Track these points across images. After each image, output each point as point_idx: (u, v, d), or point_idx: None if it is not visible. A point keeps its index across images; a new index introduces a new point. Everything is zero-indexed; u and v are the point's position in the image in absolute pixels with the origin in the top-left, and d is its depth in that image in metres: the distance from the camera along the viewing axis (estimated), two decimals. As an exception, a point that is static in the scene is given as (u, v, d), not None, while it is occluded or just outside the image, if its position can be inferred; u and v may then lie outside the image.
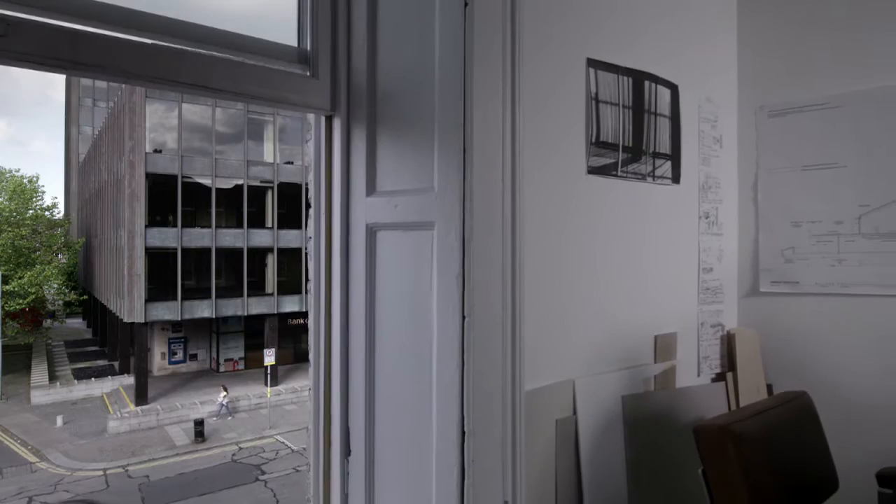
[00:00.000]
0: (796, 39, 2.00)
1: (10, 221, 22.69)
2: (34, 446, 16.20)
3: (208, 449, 16.32)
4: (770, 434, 1.40)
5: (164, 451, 16.12)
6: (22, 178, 24.82)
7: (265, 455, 15.84)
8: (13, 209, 23.02)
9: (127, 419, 17.91)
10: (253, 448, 16.32)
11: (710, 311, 1.96)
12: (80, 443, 16.55)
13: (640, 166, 1.70)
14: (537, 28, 1.44)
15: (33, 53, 0.99)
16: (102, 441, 16.81)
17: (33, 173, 45.39)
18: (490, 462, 1.16)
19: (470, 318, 1.14)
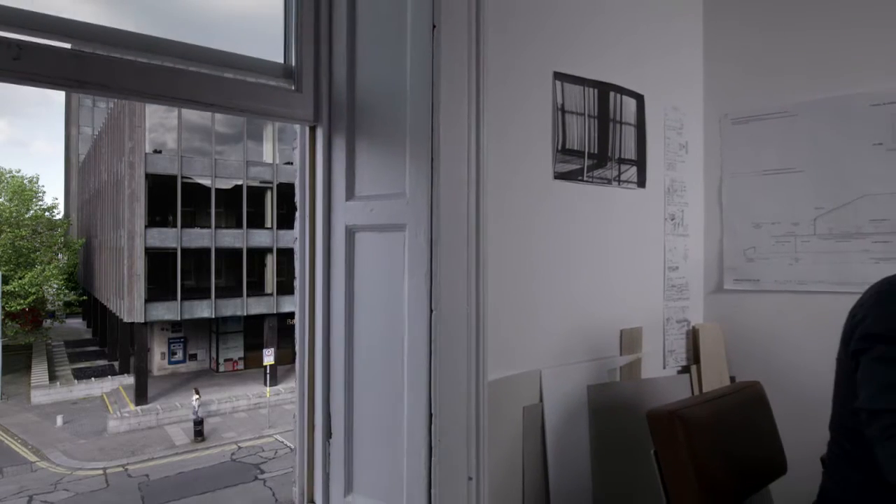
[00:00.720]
0: (759, 50, 2.12)
1: (10, 222, 22.77)
2: (34, 446, 16.27)
3: (207, 448, 16.41)
4: (718, 419, 1.51)
5: (164, 450, 16.22)
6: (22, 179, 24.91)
7: (264, 454, 15.95)
8: (14, 210, 23.10)
9: (127, 419, 18.00)
10: (252, 447, 16.41)
11: (675, 308, 2.08)
12: (80, 442, 16.63)
13: (606, 171, 1.82)
14: (506, 44, 1.56)
15: (43, 74, 1.11)
16: (102, 440, 16.89)
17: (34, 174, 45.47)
18: (455, 442, 1.28)
19: (437, 311, 1.26)
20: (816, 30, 2.00)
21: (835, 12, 1.96)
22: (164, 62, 1.28)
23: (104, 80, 1.18)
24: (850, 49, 1.93)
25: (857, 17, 1.92)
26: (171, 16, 69.07)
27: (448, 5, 1.28)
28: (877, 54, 1.89)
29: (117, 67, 1.20)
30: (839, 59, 1.96)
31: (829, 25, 1.97)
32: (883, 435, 1.05)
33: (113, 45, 1.23)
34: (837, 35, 1.96)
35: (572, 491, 1.64)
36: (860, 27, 1.91)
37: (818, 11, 1.99)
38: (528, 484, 1.57)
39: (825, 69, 1.98)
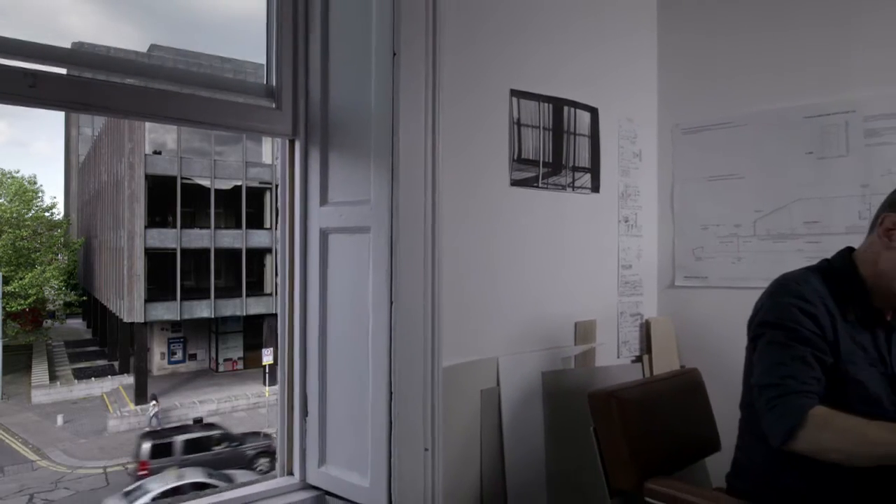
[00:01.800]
0: (709, 65, 2.31)
1: (10, 223, 22.89)
2: (35, 445, 16.37)
3: (207, 448, 16.54)
4: (653, 400, 1.70)
5: (163, 449, 16.33)
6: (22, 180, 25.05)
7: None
8: (14, 211, 23.23)
9: (127, 418, 18.10)
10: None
11: (629, 302, 2.27)
12: (81, 441, 16.75)
13: (560, 178, 2.01)
14: (467, 65, 1.75)
15: (55, 99, 1.29)
16: (103, 440, 16.99)
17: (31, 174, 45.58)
18: (412, 418, 1.46)
19: (396, 303, 1.45)
20: (759, 49, 2.19)
21: (775, 34, 2.15)
22: (158, 85, 1.46)
23: (106, 103, 1.36)
24: (788, 67, 2.12)
25: (793, 39, 2.11)
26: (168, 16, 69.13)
27: (407, 36, 1.46)
28: (810, 72, 2.08)
29: (117, 91, 1.38)
30: (778, 75, 2.14)
31: (770, 46, 2.16)
32: (767, 406, 1.24)
33: (114, 71, 1.41)
34: (777, 54, 2.15)
35: (527, 464, 1.83)
36: (796, 48, 2.10)
37: (761, 32, 2.18)
38: (486, 457, 1.75)
39: (765, 84, 2.17)
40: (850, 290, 1.33)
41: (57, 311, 27.42)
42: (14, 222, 23.07)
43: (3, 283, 21.34)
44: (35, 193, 25.20)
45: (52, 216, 26.46)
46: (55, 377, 21.82)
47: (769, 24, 2.17)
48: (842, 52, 2.01)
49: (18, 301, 22.27)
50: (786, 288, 1.34)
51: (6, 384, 20.59)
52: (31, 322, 24.71)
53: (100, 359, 24.55)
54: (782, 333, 1.28)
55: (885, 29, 1.93)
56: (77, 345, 27.28)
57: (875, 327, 1.32)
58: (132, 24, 76.57)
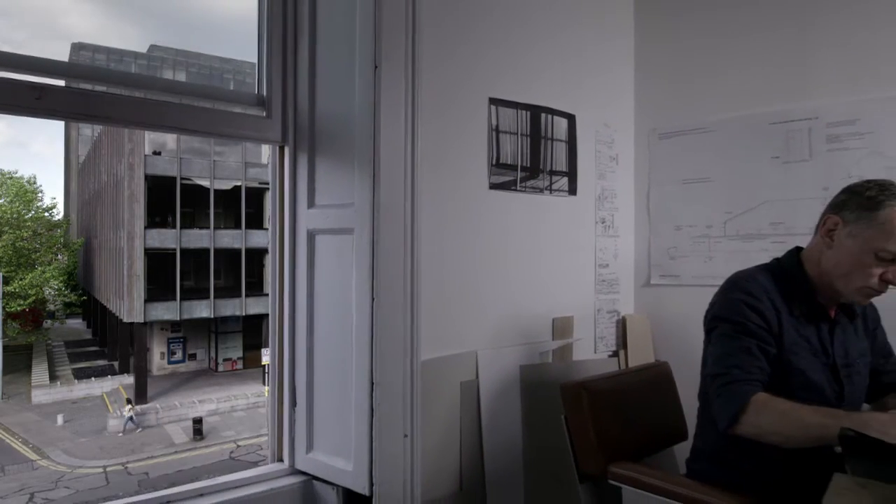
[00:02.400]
0: (683, 73, 2.42)
1: (10, 223, 22.96)
2: (35, 444, 16.45)
3: (207, 447, 16.62)
4: (622, 391, 1.81)
5: (164, 448, 16.42)
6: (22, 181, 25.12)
7: (263, 452, 16.20)
8: (14, 211, 23.30)
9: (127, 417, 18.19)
10: (250, 446, 16.65)
11: (606, 300, 2.37)
12: (81, 441, 16.82)
13: (538, 182, 2.11)
14: (448, 76, 1.85)
15: (60, 110, 1.40)
16: (102, 439, 17.07)
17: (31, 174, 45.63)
18: (392, 406, 1.57)
19: (378, 300, 1.55)
20: (729, 58, 2.29)
21: (744, 45, 2.25)
22: (156, 97, 1.57)
23: (107, 113, 1.47)
24: (755, 76, 2.23)
25: (761, 50, 2.21)
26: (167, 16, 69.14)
27: (387, 50, 1.57)
28: (775, 81, 2.18)
29: (118, 102, 1.49)
30: (746, 83, 2.25)
31: (740, 56, 2.26)
32: (716, 393, 1.35)
33: (115, 83, 1.52)
34: (746, 64, 2.25)
35: (504, 451, 1.93)
36: (763, 59, 2.21)
37: (731, 43, 2.29)
38: (465, 445, 1.86)
39: (735, 91, 2.28)
40: (796, 287, 1.43)
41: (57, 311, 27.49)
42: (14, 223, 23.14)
43: (3, 284, 21.40)
44: (35, 194, 25.28)
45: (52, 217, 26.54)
46: (55, 377, 21.86)
47: (739, 35, 2.27)
48: (805, 63, 2.12)
49: (18, 301, 22.33)
50: (735, 285, 1.45)
51: (6, 384, 20.65)
52: (32, 322, 24.78)
53: (100, 359, 24.61)
54: (731, 327, 1.38)
55: (844, 43, 2.04)
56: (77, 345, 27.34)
57: (819, 321, 1.43)
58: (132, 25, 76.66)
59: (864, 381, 1.48)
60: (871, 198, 1.34)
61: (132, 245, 20.16)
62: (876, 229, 1.30)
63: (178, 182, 21.31)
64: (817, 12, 2.10)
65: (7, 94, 1.32)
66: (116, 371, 22.23)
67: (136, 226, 20.22)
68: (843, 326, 1.46)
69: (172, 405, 19.34)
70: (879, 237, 1.30)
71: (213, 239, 21.93)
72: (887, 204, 1.31)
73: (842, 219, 1.38)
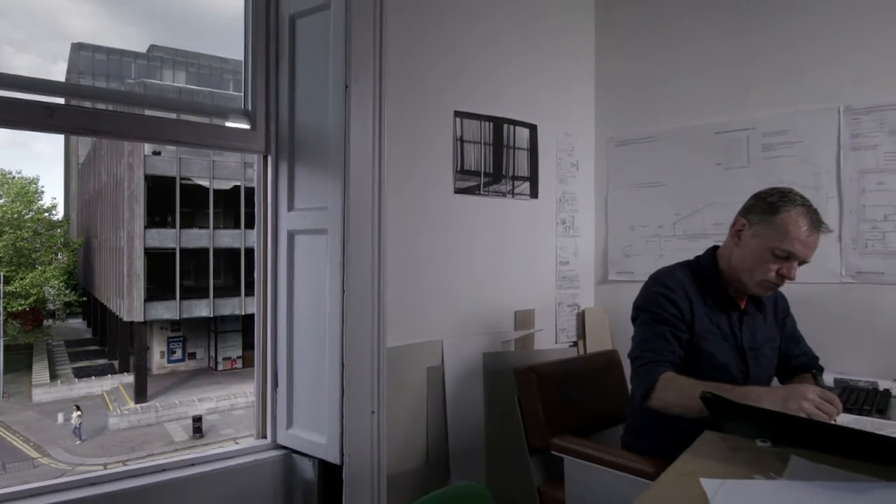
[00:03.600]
0: (639, 86, 2.63)
1: (11, 223, 23.07)
2: (36, 442, 16.57)
3: (206, 445, 16.75)
4: (568, 374, 2.02)
5: (163, 446, 16.55)
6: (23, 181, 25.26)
7: (261, 448, 16.32)
8: (15, 211, 23.43)
9: (126, 416, 18.27)
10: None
11: (567, 294, 2.58)
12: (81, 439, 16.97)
13: (501, 186, 2.32)
14: (416, 92, 2.06)
15: (68, 126, 1.61)
16: (103, 437, 17.20)
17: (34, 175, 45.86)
18: (361, 386, 1.78)
19: (347, 292, 1.76)
20: (679, 74, 2.51)
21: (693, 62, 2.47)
22: (154, 113, 1.78)
23: (109, 128, 1.68)
24: (701, 89, 2.44)
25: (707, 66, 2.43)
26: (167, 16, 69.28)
27: (356, 72, 1.78)
28: (718, 94, 2.40)
29: (119, 118, 1.69)
30: (694, 97, 2.47)
31: (688, 72, 2.48)
32: (635, 374, 1.56)
33: (117, 102, 1.73)
34: (693, 79, 2.47)
35: (467, 429, 2.15)
36: (708, 75, 2.42)
37: (681, 60, 2.50)
38: (431, 423, 2.07)
39: (684, 104, 2.49)
40: (710, 281, 1.64)
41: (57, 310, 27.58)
42: (15, 223, 23.23)
43: (4, 283, 21.50)
44: (36, 194, 25.40)
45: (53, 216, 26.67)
46: (56, 376, 21.90)
47: (688, 52, 2.49)
48: (743, 78, 2.33)
49: (19, 301, 22.39)
50: (655, 280, 1.66)
51: (7, 383, 20.71)
52: (32, 321, 24.85)
53: (100, 358, 24.65)
54: (649, 316, 1.60)
55: (777, 59, 2.25)
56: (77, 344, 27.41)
57: (730, 310, 1.64)
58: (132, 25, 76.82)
59: (771, 363, 1.69)
60: (772, 203, 1.54)
61: (132, 245, 20.23)
62: (774, 230, 1.51)
63: (177, 182, 21.37)
64: (755, 30, 2.31)
65: (24, 113, 1.53)
66: (116, 370, 22.26)
67: (135, 225, 20.27)
68: (753, 316, 1.67)
69: (172, 404, 19.46)
70: (776, 237, 1.50)
71: (213, 238, 21.99)
72: (784, 209, 1.52)
73: (748, 221, 1.59)
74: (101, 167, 25.96)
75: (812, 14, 2.19)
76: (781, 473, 0.98)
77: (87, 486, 1.58)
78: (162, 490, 1.65)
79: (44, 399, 19.88)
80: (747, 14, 2.33)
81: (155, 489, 1.64)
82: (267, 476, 1.86)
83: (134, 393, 19.62)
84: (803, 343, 1.79)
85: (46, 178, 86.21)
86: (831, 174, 2.15)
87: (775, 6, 2.26)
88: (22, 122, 1.54)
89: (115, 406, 19.20)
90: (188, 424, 17.58)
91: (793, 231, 1.48)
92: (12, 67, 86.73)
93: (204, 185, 21.94)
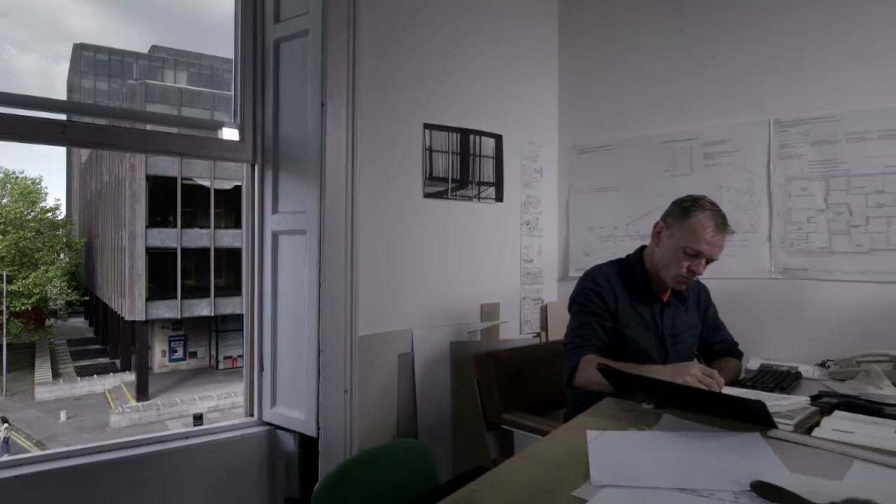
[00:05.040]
0: (598, 98, 2.87)
1: (14, 223, 23.25)
2: (38, 440, 16.78)
3: (206, 441, 16.94)
4: (523, 360, 2.26)
5: (164, 442, 16.72)
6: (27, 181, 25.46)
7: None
8: (18, 211, 23.61)
9: (128, 414, 18.44)
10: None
11: (531, 289, 2.82)
12: (83, 437, 17.17)
13: (467, 191, 2.56)
14: (389, 106, 2.30)
15: (78, 140, 1.85)
16: (105, 435, 17.42)
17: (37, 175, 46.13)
18: (335, 368, 2.02)
19: (323, 286, 2.01)
20: (632, 87, 2.75)
21: (644, 77, 2.71)
22: (155, 128, 2.02)
23: (114, 142, 1.92)
24: (652, 102, 2.68)
25: (656, 81, 2.67)
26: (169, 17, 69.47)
27: (332, 92, 2.02)
28: (667, 107, 2.64)
29: (123, 133, 1.94)
30: (646, 109, 2.71)
31: (639, 85, 2.72)
32: (565, 357, 1.80)
33: (122, 118, 1.97)
34: (645, 93, 2.71)
35: (434, 408, 2.39)
36: (657, 89, 2.66)
37: (635, 75, 2.74)
38: (402, 403, 2.31)
39: (636, 115, 2.73)
40: (636, 276, 1.88)
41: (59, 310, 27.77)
42: (18, 222, 23.41)
43: (7, 283, 21.68)
44: (38, 194, 25.59)
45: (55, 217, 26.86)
46: (58, 374, 22.04)
47: (640, 69, 2.73)
48: (688, 93, 2.58)
49: (22, 300, 22.54)
50: (586, 276, 1.90)
51: (10, 381, 20.87)
52: (35, 321, 24.99)
53: (102, 356, 24.80)
54: (579, 307, 1.84)
55: (716, 75, 2.50)
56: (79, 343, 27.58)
57: (653, 302, 1.88)
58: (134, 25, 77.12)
59: (690, 348, 1.93)
60: (685, 208, 1.79)
61: (134, 244, 20.36)
62: (685, 231, 1.75)
63: (178, 182, 21.51)
64: (696, 47, 2.56)
65: (40, 129, 1.77)
66: (118, 368, 22.38)
67: (137, 225, 20.39)
68: (675, 307, 1.91)
69: (173, 402, 19.64)
70: (687, 237, 1.74)
71: (214, 238, 22.14)
72: (694, 213, 1.76)
73: (665, 223, 1.83)
74: (103, 167, 26.11)
75: (746, 33, 2.43)
76: (652, 426, 1.23)
77: (96, 453, 1.83)
78: (161, 457, 1.89)
79: (46, 397, 20.03)
80: (691, 33, 2.57)
81: (155, 456, 1.89)
82: (254, 448, 2.10)
83: (135, 391, 19.81)
84: (724, 330, 2.03)
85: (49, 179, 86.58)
86: (762, 180, 2.39)
87: (715, 25, 2.51)
88: (38, 138, 1.78)
89: (116, 404, 19.38)
90: (189, 422, 17.75)
91: (700, 232, 1.72)
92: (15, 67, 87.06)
93: (205, 185, 22.07)
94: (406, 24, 2.37)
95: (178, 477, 1.92)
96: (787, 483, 0.90)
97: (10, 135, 1.71)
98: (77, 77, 35.78)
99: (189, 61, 37.32)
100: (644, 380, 1.40)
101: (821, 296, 2.26)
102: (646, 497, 0.91)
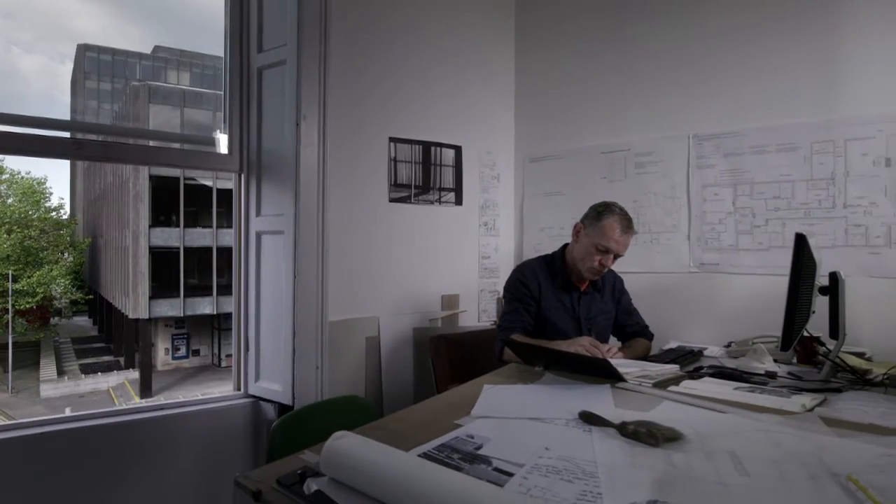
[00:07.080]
0: (548, 113, 3.23)
1: (19, 222, 23.47)
2: (45, 434, 17.08)
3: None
4: (470, 341, 2.62)
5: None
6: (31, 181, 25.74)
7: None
8: (23, 210, 23.85)
9: (132, 409, 18.76)
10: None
11: (488, 283, 3.18)
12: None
13: (429, 196, 2.93)
14: (357, 121, 2.67)
15: (91, 155, 2.22)
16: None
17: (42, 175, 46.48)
18: (308, 348, 2.38)
19: (298, 279, 2.37)
20: (577, 103, 3.11)
21: (587, 94, 3.07)
22: (155, 143, 2.38)
23: (122, 157, 2.29)
24: (594, 118, 3.04)
25: (596, 98, 3.03)
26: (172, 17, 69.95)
27: (305, 112, 2.38)
28: (604, 122, 3.00)
29: (127, 149, 2.30)
30: (587, 122, 3.07)
31: (584, 102, 3.08)
32: (496, 337, 2.16)
33: (130, 136, 2.34)
34: (586, 106, 3.07)
35: (398, 386, 2.75)
36: (596, 105, 3.02)
37: (578, 90, 3.10)
38: (369, 381, 2.68)
39: (580, 128, 3.09)
40: (558, 269, 2.24)
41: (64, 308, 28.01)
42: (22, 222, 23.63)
43: (12, 282, 21.94)
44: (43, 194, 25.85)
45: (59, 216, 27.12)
46: (62, 372, 22.19)
47: (584, 87, 3.09)
48: (622, 109, 2.93)
49: (27, 299, 22.73)
50: (516, 269, 2.27)
51: (15, 379, 21.06)
52: (39, 319, 25.18)
53: (105, 354, 24.93)
54: (509, 295, 2.20)
55: (645, 95, 2.85)
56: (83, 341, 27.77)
57: (572, 291, 2.24)
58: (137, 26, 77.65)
59: (605, 330, 2.29)
60: (599, 212, 2.15)
61: (137, 244, 20.58)
62: (597, 231, 2.11)
63: (181, 182, 21.76)
64: (628, 68, 2.92)
65: (59, 147, 2.14)
66: (122, 366, 22.52)
67: (140, 225, 20.62)
68: (592, 295, 2.27)
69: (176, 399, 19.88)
70: (598, 236, 2.11)
71: (216, 237, 22.37)
72: (606, 217, 2.12)
73: (583, 224, 2.19)
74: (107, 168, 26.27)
75: (669, 57, 2.79)
76: (534, 381, 1.59)
77: (100, 417, 2.19)
78: (158, 422, 2.26)
79: (51, 394, 20.22)
80: (626, 57, 2.93)
81: (154, 421, 2.25)
82: (239, 417, 2.47)
83: (139, 388, 20.04)
84: (636, 315, 2.39)
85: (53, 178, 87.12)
86: (683, 187, 2.75)
87: (645, 51, 2.87)
88: (58, 154, 2.15)
89: (120, 401, 19.59)
90: (191, 418, 18.03)
91: (610, 233, 2.09)
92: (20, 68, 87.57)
93: (207, 185, 22.29)
94: (373, 51, 2.73)
95: (174, 440, 2.28)
96: (606, 414, 1.26)
97: (34, 151, 2.08)
98: (81, 78, 36.12)
99: (191, 61, 37.58)
100: (539, 348, 1.77)
101: (730, 287, 2.62)
102: (505, 424, 1.27)
